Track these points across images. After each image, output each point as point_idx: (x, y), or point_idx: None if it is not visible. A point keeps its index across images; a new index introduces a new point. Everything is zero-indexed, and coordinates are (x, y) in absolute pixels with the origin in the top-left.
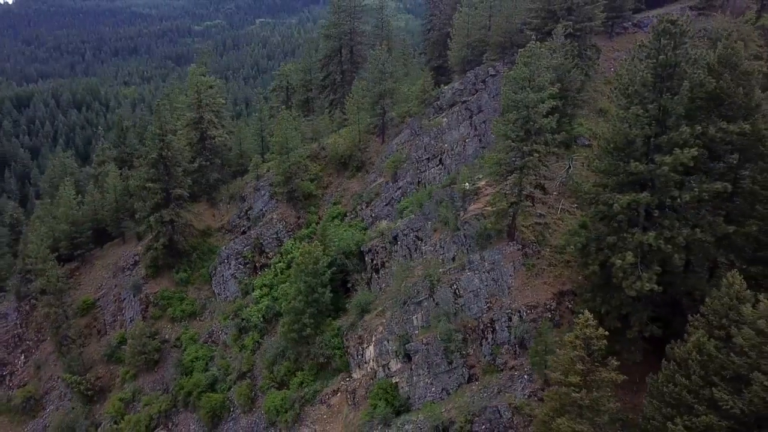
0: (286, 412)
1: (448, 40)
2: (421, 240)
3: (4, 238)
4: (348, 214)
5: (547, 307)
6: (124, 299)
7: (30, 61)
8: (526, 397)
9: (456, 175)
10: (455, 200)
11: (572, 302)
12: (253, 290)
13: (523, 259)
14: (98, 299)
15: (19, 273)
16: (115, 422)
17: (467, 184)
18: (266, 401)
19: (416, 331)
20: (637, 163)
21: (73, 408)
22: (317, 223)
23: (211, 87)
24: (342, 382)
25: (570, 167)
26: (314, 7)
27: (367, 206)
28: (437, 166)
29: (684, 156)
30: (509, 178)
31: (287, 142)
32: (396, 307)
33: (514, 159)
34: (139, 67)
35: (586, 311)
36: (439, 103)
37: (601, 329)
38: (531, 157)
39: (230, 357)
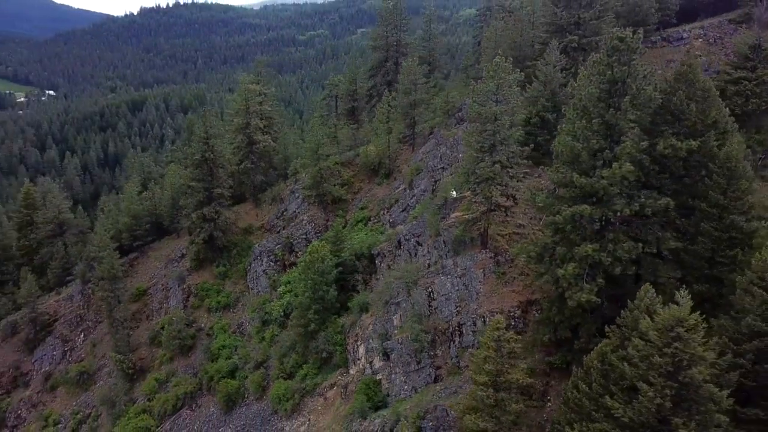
0: (287, 401)
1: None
2: (421, 245)
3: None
4: (372, 218)
5: (511, 314)
6: (170, 288)
7: (148, 68)
8: None
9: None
10: (442, 208)
11: (539, 311)
12: (279, 286)
13: (494, 267)
14: (149, 287)
15: (86, 259)
16: (149, 400)
17: (454, 192)
18: (272, 390)
19: (395, 331)
20: (578, 175)
21: (115, 384)
22: (343, 226)
23: (260, 95)
24: (339, 377)
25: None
26: (414, 18)
27: (387, 212)
28: (451, 175)
29: (620, 171)
30: (477, 188)
31: (318, 149)
32: (380, 307)
33: (478, 169)
34: (244, 74)
35: (499, 315)
36: (460, 114)
37: (512, 332)
38: (492, 168)
39: (251, 347)
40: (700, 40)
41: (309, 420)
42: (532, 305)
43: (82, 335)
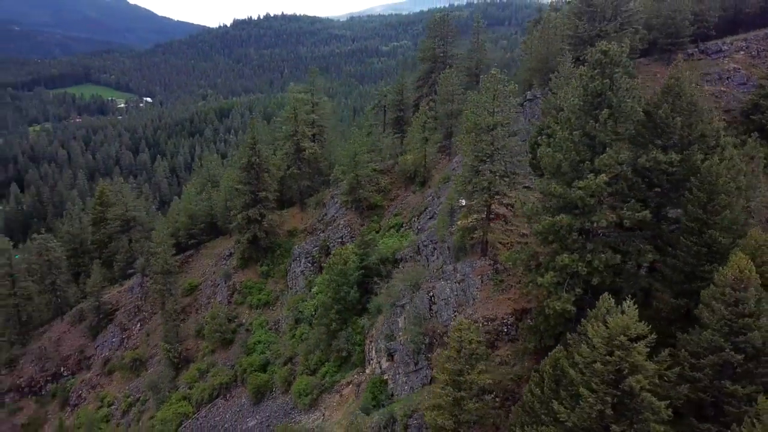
0: (307, 396)
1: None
2: (436, 250)
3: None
4: (404, 225)
5: (504, 321)
6: (218, 285)
7: (237, 77)
8: None
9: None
10: (450, 215)
11: (531, 319)
12: (314, 287)
13: (493, 275)
14: (200, 283)
15: (146, 254)
16: (189, 388)
17: (463, 200)
18: (295, 385)
19: (400, 333)
20: (556, 185)
21: (162, 371)
22: (377, 231)
23: (311, 104)
24: (355, 376)
25: None
26: (499, 28)
27: (417, 219)
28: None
29: (595, 181)
30: (474, 196)
31: (355, 157)
32: (388, 309)
33: (475, 179)
34: (326, 84)
35: (461, 317)
36: None
37: (476, 334)
38: (488, 177)
39: (283, 344)
40: (742, 52)
41: (324, 415)
42: (526, 313)
43: (139, 325)
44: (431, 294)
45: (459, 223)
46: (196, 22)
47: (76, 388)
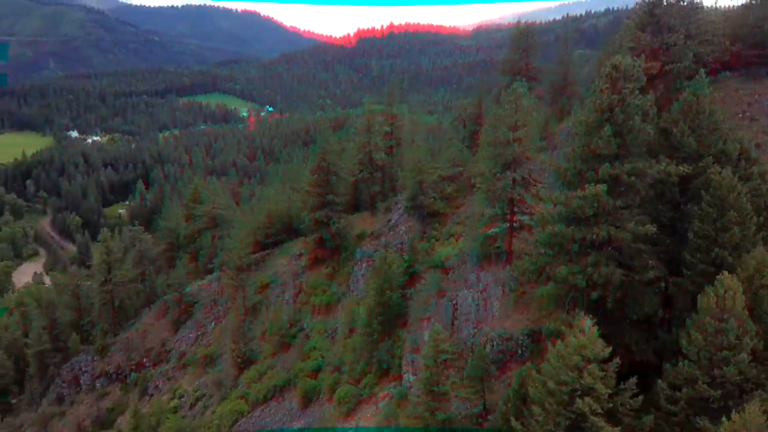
0: (346, 404)
1: None
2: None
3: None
4: (464, 233)
5: (519, 341)
6: (287, 284)
7: (356, 88)
8: None
9: None
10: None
11: None
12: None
13: (513, 287)
14: (272, 281)
15: (225, 251)
16: (248, 387)
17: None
18: (336, 393)
19: (424, 345)
20: (559, 194)
21: (227, 369)
22: (437, 239)
23: (389, 117)
24: (392, 388)
25: None
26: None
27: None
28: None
29: (592, 191)
30: (495, 204)
31: (418, 163)
32: (415, 317)
33: (494, 188)
34: (444, 97)
35: (436, 323)
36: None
37: (448, 343)
38: (492, 186)
39: (334, 351)
40: None
41: (357, 424)
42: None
43: (214, 322)
44: (455, 302)
45: (480, 231)
46: (321, 33)
47: (155, 379)
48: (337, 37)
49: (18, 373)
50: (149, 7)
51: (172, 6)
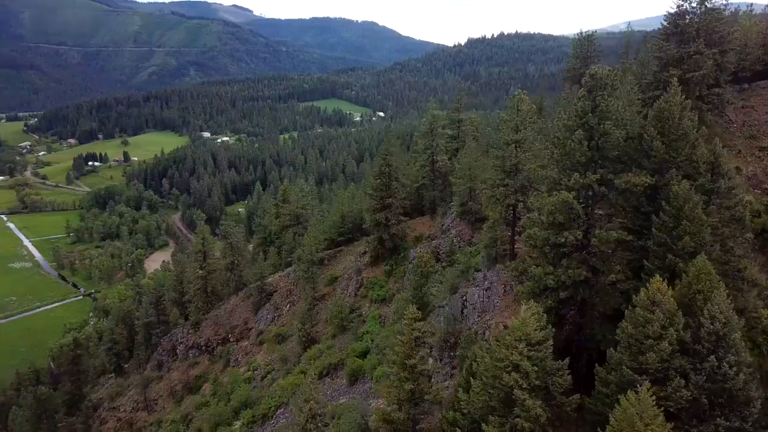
0: (381, 382)
1: None
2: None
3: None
4: None
5: None
6: (351, 278)
7: (464, 94)
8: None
9: None
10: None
11: None
12: None
13: (516, 284)
14: (339, 276)
15: (302, 246)
16: (308, 364)
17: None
18: (375, 372)
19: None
20: (535, 199)
21: (293, 348)
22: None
23: (456, 121)
24: None
25: None
26: None
27: None
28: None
29: (559, 197)
30: (496, 209)
31: (469, 169)
32: (432, 309)
33: (495, 192)
34: (546, 103)
35: (411, 306)
36: None
37: (421, 323)
38: (498, 190)
39: (382, 336)
40: None
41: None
42: None
43: (288, 306)
44: (464, 298)
45: (486, 233)
46: (434, 41)
47: (236, 353)
48: (449, 45)
49: (129, 341)
50: (280, 19)
51: (300, 18)
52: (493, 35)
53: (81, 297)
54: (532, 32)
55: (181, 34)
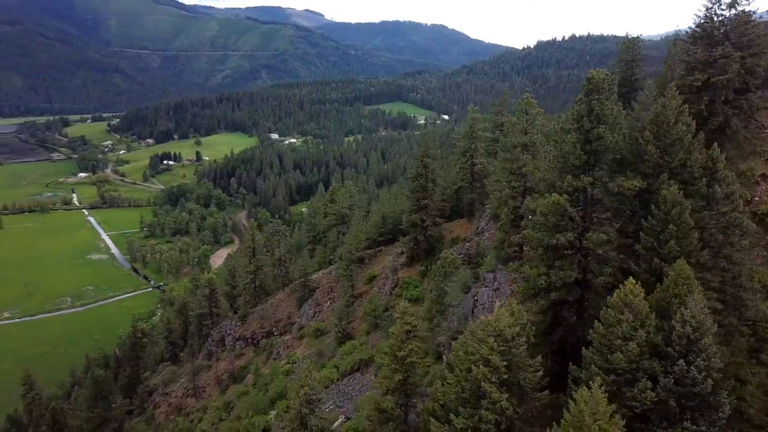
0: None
1: None
2: None
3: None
4: None
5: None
6: (388, 277)
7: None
8: None
9: None
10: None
11: None
12: None
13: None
14: (378, 275)
15: (342, 245)
16: (341, 359)
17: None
18: None
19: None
20: (531, 201)
21: (329, 342)
22: None
23: (497, 124)
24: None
25: None
26: None
27: None
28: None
29: (551, 199)
30: (503, 210)
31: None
32: (447, 309)
33: (502, 194)
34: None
35: (404, 302)
36: None
37: (417, 322)
38: (504, 192)
39: None
40: None
41: None
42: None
43: (329, 302)
44: (475, 298)
45: (497, 234)
46: (504, 44)
47: (278, 346)
48: (519, 48)
49: (184, 331)
50: (350, 23)
51: (370, 22)
52: (564, 37)
53: (151, 289)
54: (605, 34)
55: (254, 39)
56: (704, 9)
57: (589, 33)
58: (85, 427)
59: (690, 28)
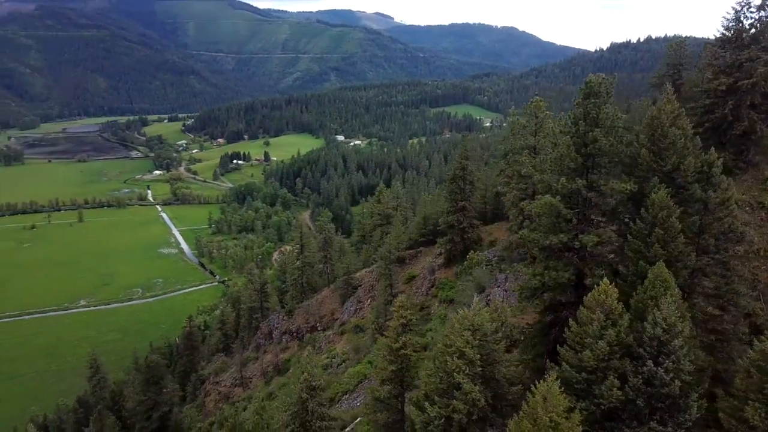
0: None
1: None
2: None
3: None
4: None
5: (524, 331)
6: (425, 278)
7: None
8: None
9: None
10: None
11: None
12: None
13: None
14: (417, 275)
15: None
16: (375, 355)
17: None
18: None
19: None
20: (527, 204)
21: (365, 339)
22: None
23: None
24: None
25: None
26: None
27: None
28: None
29: (542, 201)
30: (512, 212)
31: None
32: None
33: (509, 194)
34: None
35: (400, 296)
36: None
37: (412, 312)
38: (513, 193)
39: (440, 334)
40: None
41: None
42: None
43: (369, 300)
44: (488, 298)
45: (508, 235)
46: (576, 46)
47: (321, 341)
48: (591, 50)
49: (237, 323)
50: (419, 26)
51: (440, 25)
52: (639, 39)
53: (215, 283)
54: (683, 35)
55: (324, 41)
56: (733, 11)
57: (665, 34)
58: (137, 409)
59: (719, 31)
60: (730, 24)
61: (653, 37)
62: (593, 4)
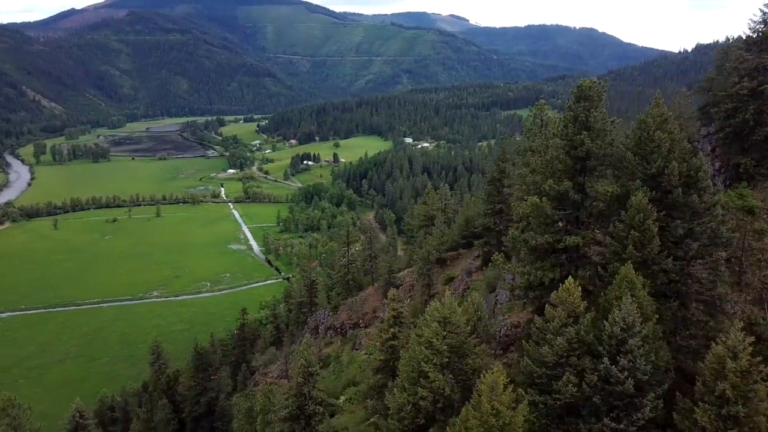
0: None
1: None
2: None
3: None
4: None
5: (524, 330)
6: (463, 279)
7: None
8: None
9: None
10: None
11: None
12: None
13: None
14: (456, 276)
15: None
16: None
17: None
18: None
19: None
20: (516, 204)
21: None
22: None
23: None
24: None
25: None
26: None
27: None
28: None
29: (529, 202)
30: (516, 212)
31: None
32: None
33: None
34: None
35: (392, 289)
36: None
37: (404, 310)
38: (514, 195)
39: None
40: None
41: None
42: None
43: (408, 299)
44: (497, 297)
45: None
46: (659, 48)
47: (361, 337)
48: (674, 51)
49: (287, 318)
50: (495, 28)
51: (515, 26)
52: (728, 39)
53: (280, 280)
54: None
55: (398, 44)
56: (760, 13)
57: None
58: (187, 394)
59: (744, 33)
60: (757, 26)
61: (743, 38)
62: (680, 4)
